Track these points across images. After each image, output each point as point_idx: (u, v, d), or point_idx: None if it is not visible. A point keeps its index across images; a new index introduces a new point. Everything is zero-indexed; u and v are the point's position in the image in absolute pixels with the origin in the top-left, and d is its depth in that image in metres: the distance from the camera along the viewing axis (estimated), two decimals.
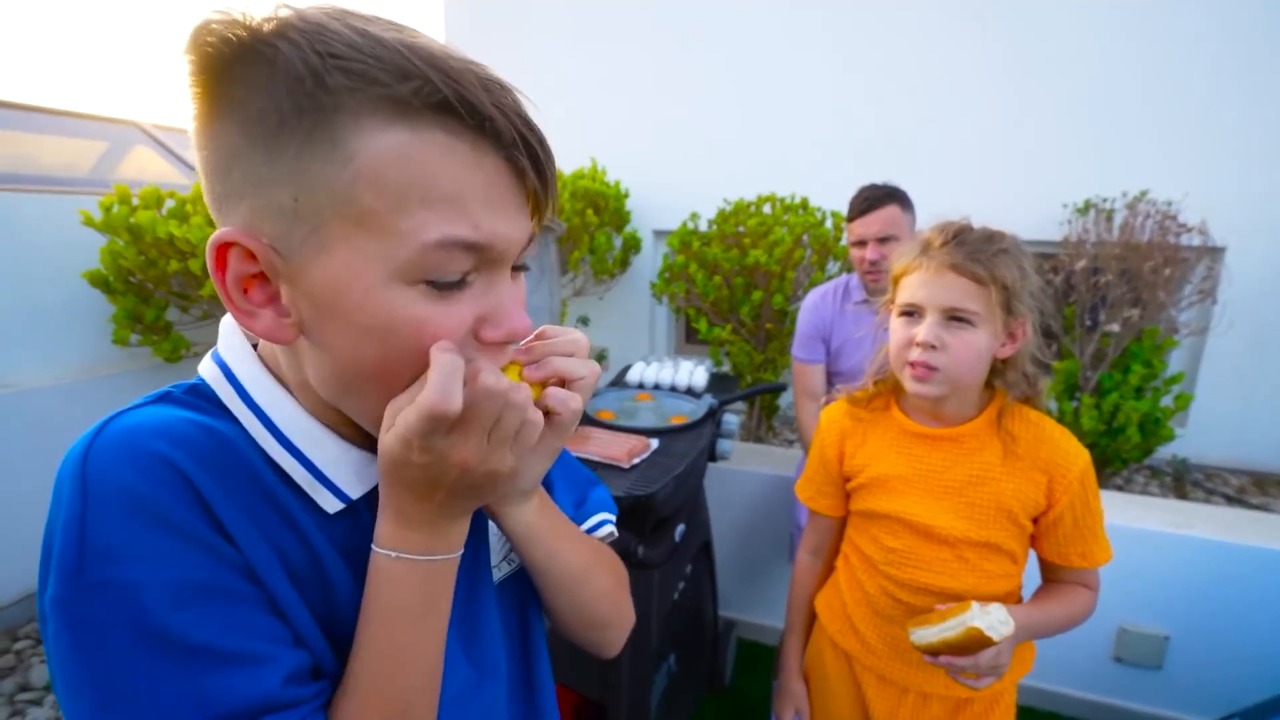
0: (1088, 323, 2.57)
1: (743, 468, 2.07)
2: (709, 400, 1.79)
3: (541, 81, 3.79)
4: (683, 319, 3.46)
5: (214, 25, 0.35)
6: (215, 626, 0.37)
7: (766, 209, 2.83)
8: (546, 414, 0.43)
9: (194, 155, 0.40)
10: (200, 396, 0.44)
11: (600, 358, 3.77)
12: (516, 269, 0.44)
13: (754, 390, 1.91)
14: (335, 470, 0.44)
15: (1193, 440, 2.97)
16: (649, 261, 3.52)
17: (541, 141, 0.40)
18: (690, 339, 3.47)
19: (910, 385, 0.96)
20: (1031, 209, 2.95)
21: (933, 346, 0.90)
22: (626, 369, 2.09)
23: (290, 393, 0.45)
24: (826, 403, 1.15)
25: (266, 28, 0.35)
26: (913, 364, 0.93)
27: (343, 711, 0.41)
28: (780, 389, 2.07)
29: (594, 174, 3.25)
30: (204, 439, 0.40)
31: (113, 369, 2.24)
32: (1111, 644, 1.79)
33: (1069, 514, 0.95)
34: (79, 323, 2.17)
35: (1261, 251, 2.79)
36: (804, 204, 2.80)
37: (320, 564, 0.43)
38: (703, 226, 2.94)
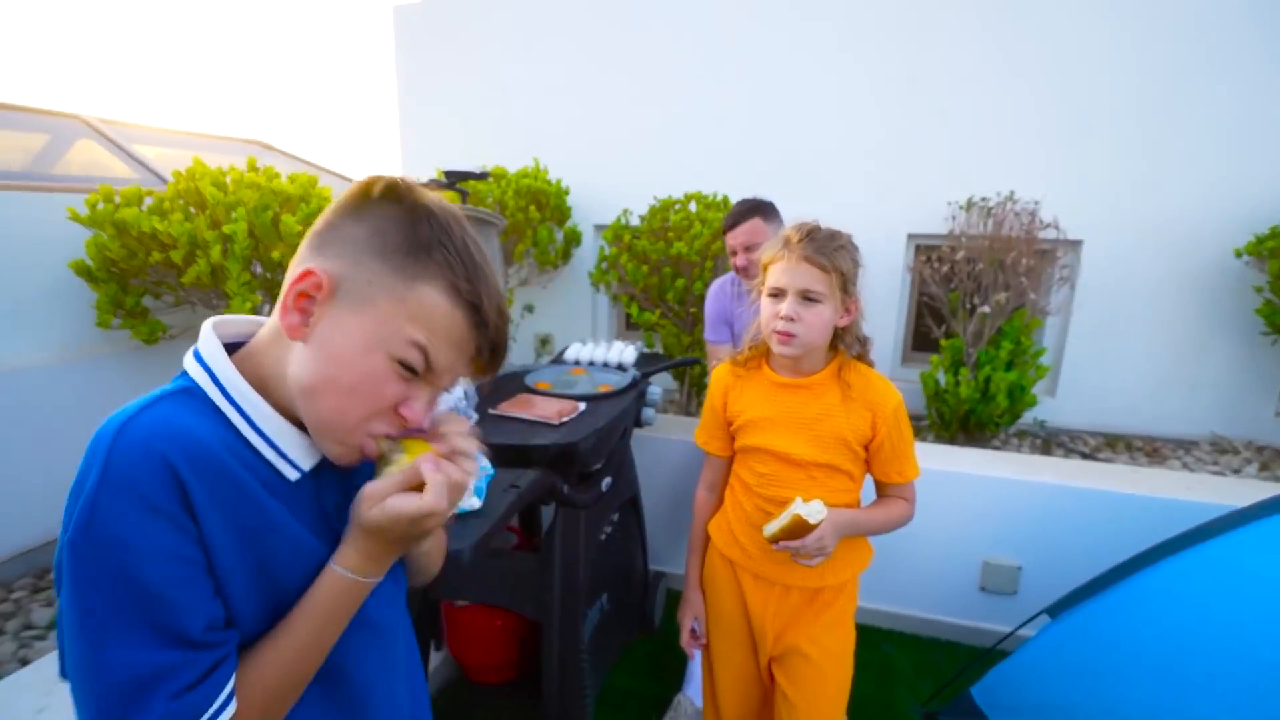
0: (968, 306, 2.94)
1: (673, 436, 2.30)
2: (633, 373, 2.04)
3: (488, 87, 3.95)
4: (621, 306, 3.70)
5: (407, 185, 0.59)
6: (170, 580, 0.50)
7: (692, 206, 3.11)
8: None
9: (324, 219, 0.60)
10: (194, 396, 0.57)
11: (545, 343, 3.99)
12: (441, 390, 0.64)
13: (671, 364, 2.18)
14: (292, 449, 0.60)
15: (1060, 407, 3.40)
16: (589, 253, 3.74)
17: (504, 345, 0.63)
18: (630, 325, 3.72)
19: (776, 348, 1.25)
20: (923, 206, 3.32)
21: (792, 319, 1.18)
22: (565, 349, 2.33)
23: (260, 393, 0.59)
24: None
25: (440, 210, 0.59)
26: (778, 332, 1.21)
27: (256, 671, 0.56)
28: (694, 363, 2.34)
29: (536, 173, 3.45)
30: (194, 443, 0.53)
31: (95, 351, 2.39)
32: (977, 575, 2.09)
33: (888, 441, 1.24)
34: (61, 309, 2.31)
35: (1111, 244, 3.22)
36: (725, 201, 3.09)
37: (274, 525, 0.58)
38: (635, 221, 3.19)
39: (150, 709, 0.49)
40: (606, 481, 1.77)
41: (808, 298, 1.18)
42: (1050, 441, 3.22)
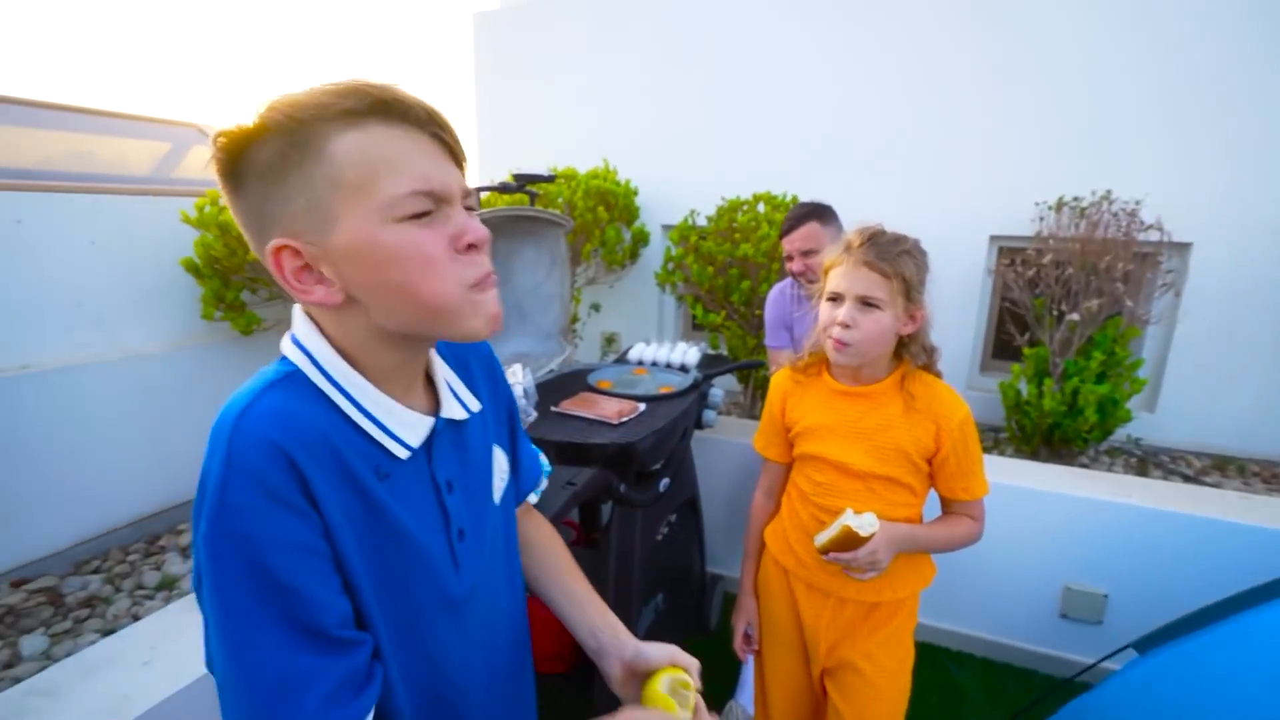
0: (1054, 312, 2.76)
1: (735, 439, 2.28)
2: (695, 374, 2.04)
3: (562, 90, 4.03)
4: (687, 307, 3.71)
5: (220, 133, 0.53)
6: (303, 574, 0.51)
7: (760, 207, 3.07)
8: None
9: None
10: (296, 381, 0.57)
11: (611, 341, 4.04)
12: (468, 208, 0.59)
13: (733, 366, 2.16)
14: (398, 426, 0.60)
15: (1159, 424, 3.12)
16: (657, 253, 3.76)
17: (446, 121, 0.57)
18: (695, 326, 3.72)
19: (832, 355, 1.22)
20: (1008, 206, 3.13)
21: (847, 325, 1.15)
22: (628, 349, 2.36)
23: (352, 365, 0.58)
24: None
25: (255, 118, 0.52)
26: (834, 339, 1.18)
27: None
28: (757, 366, 2.31)
29: (605, 174, 3.50)
30: (308, 430, 0.54)
31: (201, 340, 2.64)
32: (1058, 602, 1.97)
33: (953, 455, 1.19)
34: (173, 302, 2.56)
35: (1225, 248, 2.92)
36: (794, 202, 3.03)
37: (378, 511, 0.57)
38: (701, 222, 3.19)
39: (301, 710, 0.49)
40: (665, 482, 1.78)
41: (866, 303, 1.15)
42: (1147, 461, 2.97)
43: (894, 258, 1.13)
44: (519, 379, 1.33)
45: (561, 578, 0.83)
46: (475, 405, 0.70)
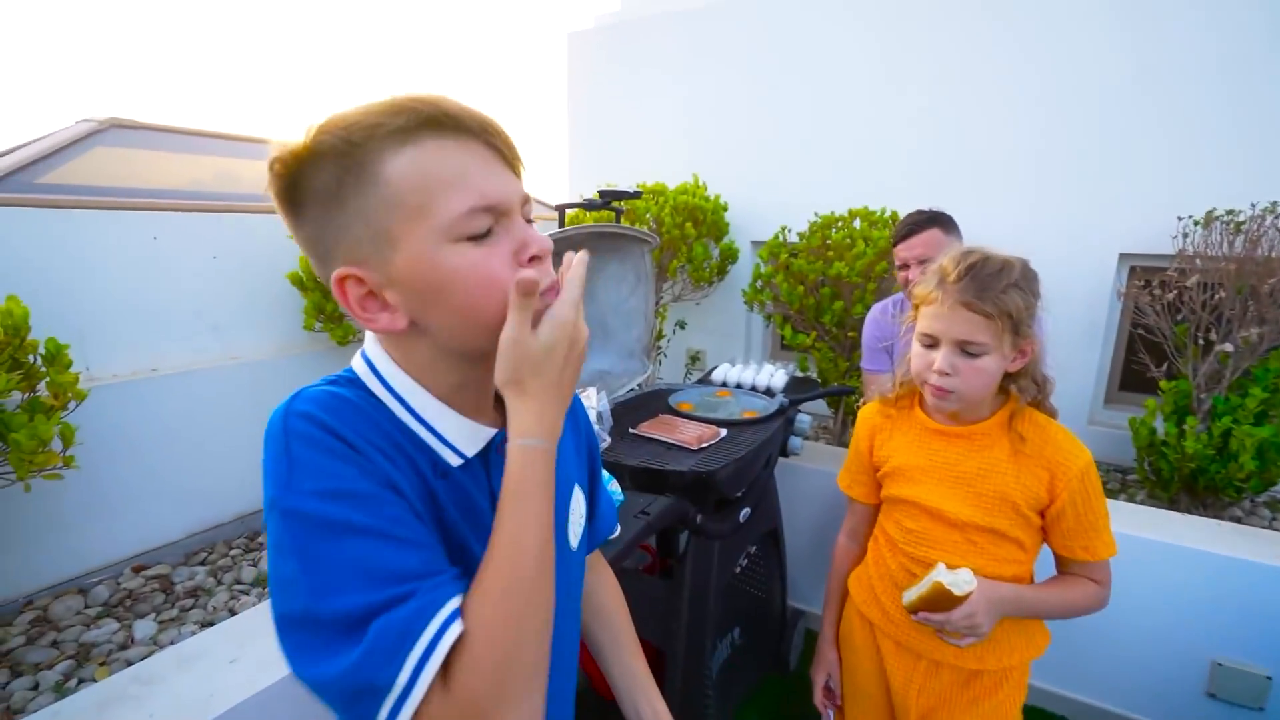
0: (1200, 341, 2.42)
1: (823, 467, 2.16)
2: (781, 399, 1.95)
3: (654, 106, 4.05)
4: (775, 326, 3.59)
5: (275, 158, 0.51)
6: (375, 516, 0.49)
7: (856, 223, 2.92)
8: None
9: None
10: (352, 385, 0.57)
11: (695, 359, 3.98)
12: (527, 219, 0.57)
13: (822, 393, 2.05)
14: (455, 436, 0.58)
15: None
16: (746, 270, 3.67)
17: (500, 127, 0.55)
18: (784, 345, 3.59)
19: (930, 400, 1.11)
20: (1142, 221, 2.79)
21: (947, 374, 1.03)
22: (713, 369, 2.29)
23: (417, 382, 0.58)
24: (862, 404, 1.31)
25: (305, 139, 0.50)
26: (931, 386, 1.06)
27: (477, 588, 0.50)
28: (849, 393, 2.18)
29: (695, 189, 3.46)
30: (348, 409, 0.54)
31: (303, 349, 2.84)
32: (1204, 679, 1.71)
33: (1070, 509, 1.04)
34: (281, 313, 2.78)
35: None
36: (894, 217, 2.86)
37: (439, 507, 0.56)
38: (792, 238, 3.07)
39: (365, 635, 0.45)
40: (745, 512, 1.70)
41: (967, 351, 1.03)
42: None
43: (999, 294, 0.99)
44: (593, 402, 1.30)
45: (622, 654, 0.86)
46: None
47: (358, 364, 0.59)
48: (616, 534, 0.89)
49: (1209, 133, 2.68)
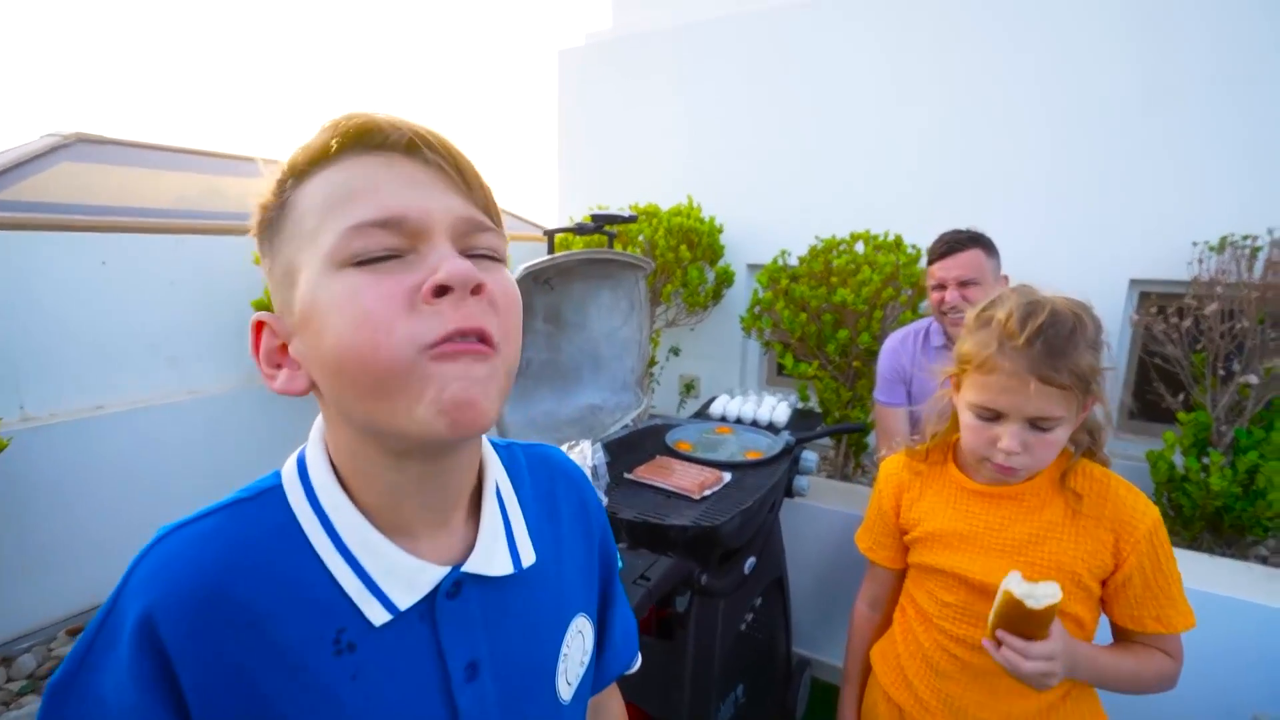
0: (1219, 371, 2.32)
1: (826, 505, 2.05)
2: (786, 437, 1.82)
3: (645, 127, 3.96)
4: (773, 353, 3.47)
5: (259, 200, 0.46)
6: None
7: (859, 247, 2.81)
8: None
9: None
10: (265, 504, 0.46)
11: (690, 387, 3.85)
12: (478, 256, 0.44)
13: (832, 430, 1.92)
14: (388, 580, 0.44)
15: None
16: (742, 294, 3.56)
17: (441, 140, 0.44)
18: (782, 373, 3.47)
19: (991, 475, 0.97)
20: (1154, 245, 2.71)
21: (1016, 452, 0.90)
22: (710, 401, 2.16)
23: (346, 492, 0.46)
24: (885, 455, 1.17)
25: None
26: (997, 464, 0.93)
27: None
28: (860, 430, 2.05)
29: (689, 210, 3.35)
30: (225, 592, 0.41)
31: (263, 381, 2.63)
32: None
33: (1138, 574, 0.91)
34: (244, 342, 2.53)
35: None
36: (898, 241, 2.75)
37: (326, 696, 0.42)
38: (793, 262, 2.96)
39: None
40: (750, 562, 1.56)
41: (1039, 426, 0.89)
42: None
43: (1074, 358, 0.86)
44: (587, 458, 1.16)
45: None
46: (529, 558, 0.52)
47: (288, 466, 0.47)
48: (637, 666, 0.69)
49: (1219, 156, 2.61)
